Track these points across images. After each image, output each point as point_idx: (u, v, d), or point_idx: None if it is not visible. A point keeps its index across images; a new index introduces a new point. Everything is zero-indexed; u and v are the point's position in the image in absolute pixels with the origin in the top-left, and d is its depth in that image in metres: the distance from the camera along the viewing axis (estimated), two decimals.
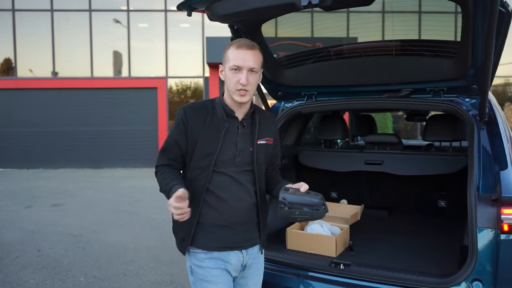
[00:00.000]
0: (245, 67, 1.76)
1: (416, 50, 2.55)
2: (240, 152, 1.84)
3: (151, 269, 4.47)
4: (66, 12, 14.01)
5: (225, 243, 1.85)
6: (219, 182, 1.81)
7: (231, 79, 1.78)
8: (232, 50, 1.79)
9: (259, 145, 1.89)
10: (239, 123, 1.87)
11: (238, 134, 1.85)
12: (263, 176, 1.95)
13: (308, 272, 2.35)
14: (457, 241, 2.75)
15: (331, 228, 2.67)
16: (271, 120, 2.04)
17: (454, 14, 9.94)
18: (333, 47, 2.75)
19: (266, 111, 2.09)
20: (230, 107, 1.85)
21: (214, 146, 1.80)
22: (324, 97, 2.98)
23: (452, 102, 2.51)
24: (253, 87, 1.82)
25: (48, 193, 9.24)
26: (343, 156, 3.26)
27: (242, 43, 1.79)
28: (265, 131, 1.93)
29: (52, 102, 13.92)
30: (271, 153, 1.99)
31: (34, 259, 4.78)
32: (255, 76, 1.80)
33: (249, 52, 1.77)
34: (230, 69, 1.78)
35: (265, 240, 2.00)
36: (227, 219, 1.84)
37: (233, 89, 1.78)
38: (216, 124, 1.82)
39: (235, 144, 1.84)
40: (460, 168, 2.84)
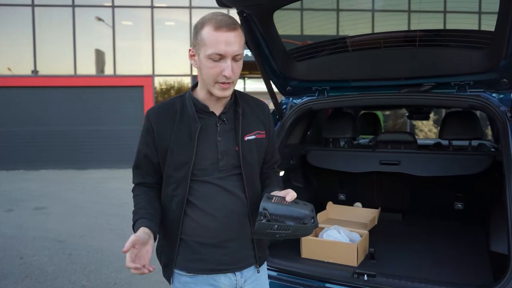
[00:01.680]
0: (229, 55, 1.37)
1: (442, 40, 2.36)
2: (224, 154, 1.48)
3: (143, 277, 4.19)
4: (47, 7, 13.53)
5: (214, 265, 1.51)
6: (202, 192, 1.48)
7: (210, 69, 1.39)
8: (209, 31, 1.37)
9: (247, 141, 1.52)
10: (217, 118, 1.50)
11: (217, 133, 1.49)
12: (256, 178, 1.60)
13: (328, 284, 2.13)
14: (482, 246, 2.57)
15: (349, 235, 2.45)
16: (260, 108, 1.63)
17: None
18: (350, 37, 2.54)
19: (252, 97, 1.65)
20: (202, 102, 1.49)
21: (187, 153, 1.45)
22: (336, 92, 2.77)
23: (479, 97, 2.32)
24: (237, 77, 1.45)
25: (29, 195, 8.85)
26: (356, 156, 3.05)
27: (221, 22, 1.37)
28: (253, 123, 1.56)
29: (32, 100, 13.42)
30: (265, 149, 1.62)
31: (16, 267, 4.47)
32: (239, 63, 1.43)
33: (232, 34, 1.37)
34: (208, 58, 1.38)
35: (263, 256, 1.64)
36: (215, 236, 1.49)
37: (212, 82, 1.41)
38: (187, 126, 1.47)
39: (215, 146, 1.48)
40: (485, 169, 2.66)
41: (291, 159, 3.07)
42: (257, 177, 1.60)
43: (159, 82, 14.24)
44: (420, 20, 12.03)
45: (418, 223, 3.11)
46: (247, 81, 14.89)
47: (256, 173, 1.59)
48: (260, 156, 1.60)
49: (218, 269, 1.52)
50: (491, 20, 2.12)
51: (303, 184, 3.23)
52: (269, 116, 1.65)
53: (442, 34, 2.41)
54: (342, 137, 3.25)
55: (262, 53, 2.55)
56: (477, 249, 2.55)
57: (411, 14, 12.61)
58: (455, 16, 10.93)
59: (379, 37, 2.48)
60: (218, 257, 1.50)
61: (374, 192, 3.45)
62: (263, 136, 1.59)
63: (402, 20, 12.16)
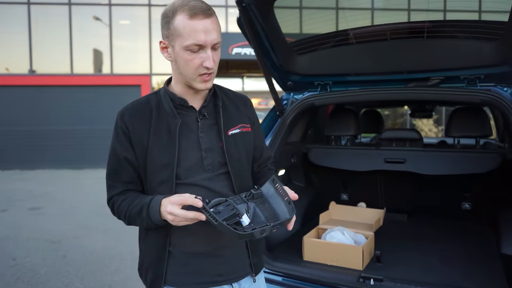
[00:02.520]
0: (208, 44, 1.25)
1: (451, 32, 2.24)
2: (208, 152, 1.35)
3: (139, 279, 4.05)
4: (44, 5, 13.39)
5: (209, 277, 1.36)
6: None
7: (190, 62, 1.26)
8: (184, 19, 1.23)
9: (232, 136, 1.39)
10: (198, 113, 1.37)
11: (199, 128, 1.36)
12: (246, 176, 1.45)
13: None
14: (492, 248, 2.45)
15: (354, 236, 2.33)
16: (242, 101, 1.50)
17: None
18: (354, 29, 2.42)
19: (231, 90, 1.54)
20: (179, 96, 1.36)
21: (169, 152, 1.31)
22: (339, 87, 2.65)
23: (490, 91, 2.21)
24: (217, 67, 1.33)
25: (25, 195, 8.70)
26: (360, 154, 2.93)
27: (195, 8, 1.23)
28: (236, 117, 1.43)
29: (29, 99, 13.26)
30: (253, 144, 1.49)
31: (8, 269, 4.34)
32: (218, 52, 1.31)
33: (208, 20, 1.24)
34: (186, 49, 1.25)
35: (258, 263, 1.49)
36: (206, 244, 1.35)
37: (193, 76, 1.29)
38: (165, 123, 1.33)
39: (197, 143, 1.35)
40: (495, 167, 2.55)
41: (292, 157, 2.95)
42: (247, 175, 1.46)
43: (157, 81, 14.10)
44: (430, 8, 11.93)
45: (424, 223, 2.99)
46: (245, 80, 14.77)
47: (245, 171, 1.45)
48: (248, 152, 1.46)
49: (214, 281, 1.37)
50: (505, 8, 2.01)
51: (304, 183, 3.12)
52: (251, 108, 1.53)
53: (452, 25, 2.29)
54: (345, 135, 3.14)
55: (262, 46, 2.44)
56: (486, 251, 2.44)
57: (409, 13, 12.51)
58: (466, 5, 10.85)
59: (385, 29, 2.36)
60: (212, 267, 1.36)
61: (378, 192, 3.33)
62: (249, 130, 1.46)
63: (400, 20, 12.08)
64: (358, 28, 2.43)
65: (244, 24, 2.23)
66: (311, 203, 3.04)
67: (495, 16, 2.06)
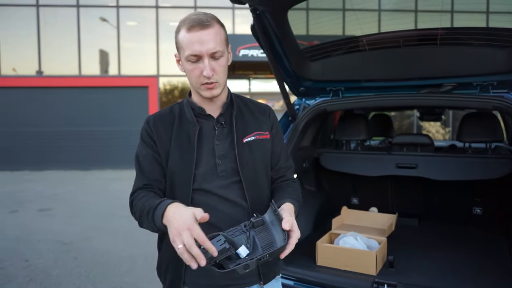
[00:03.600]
0: (204, 54, 1.32)
1: (464, 39, 2.25)
2: (222, 159, 1.40)
3: (150, 280, 4.11)
4: (52, 7, 13.48)
5: (220, 281, 1.41)
6: (203, 202, 1.37)
7: (191, 72, 1.36)
8: (183, 33, 1.34)
9: (246, 143, 1.43)
10: (215, 121, 1.44)
11: (215, 136, 1.42)
12: (261, 185, 1.47)
13: None
14: (504, 254, 2.46)
15: (367, 241, 2.35)
16: (260, 110, 1.54)
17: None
18: (367, 36, 2.43)
19: (252, 100, 1.59)
20: (198, 105, 1.44)
21: (189, 157, 1.38)
22: (351, 93, 2.67)
23: (503, 98, 2.22)
24: (222, 76, 1.39)
25: (34, 197, 8.77)
26: (372, 159, 2.95)
27: (193, 21, 1.33)
28: (252, 125, 1.48)
29: (37, 101, 13.37)
30: (270, 152, 1.51)
31: (20, 270, 4.39)
32: (221, 61, 1.37)
33: (204, 32, 1.32)
34: (187, 60, 1.35)
35: (268, 272, 1.49)
36: None
37: (197, 85, 1.37)
38: (186, 130, 1.42)
39: (213, 150, 1.40)
40: (507, 173, 2.55)
41: (304, 162, 2.97)
42: (262, 183, 1.48)
43: (164, 82, 14.16)
44: (442, 16, 11.89)
45: (435, 229, 3.00)
46: (252, 82, 14.80)
47: (261, 179, 1.47)
48: (265, 159, 1.48)
49: (226, 285, 1.41)
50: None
51: (315, 188, 3.13)
52: (270, 115, 1.55)
53: (465, 33, 2.30)
54: (356, 139, 3.15)
55: (276, 52, 2.46)
56: (498, 256, 2.44)
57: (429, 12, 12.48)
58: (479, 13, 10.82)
59: (398, 36, 2.37)
60: None
61: (389, 196, 3.34)
62: (266, 137, 1.49)
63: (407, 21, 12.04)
64: (371, 35, 2.44)
65: (258, 31, 2.25)
66: (322, 207, 3.06)
67: (507, 24, 2.07)
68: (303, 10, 5.18)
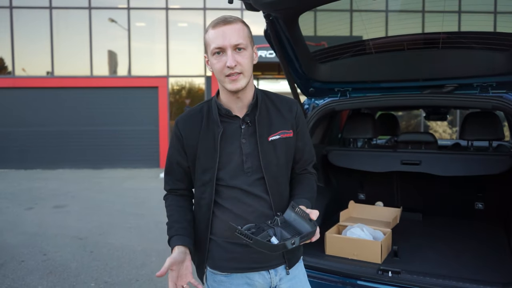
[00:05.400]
0: (227, 46, 1.42)
1: (465, 42, 2.39)
2: (248, 156, 1.50)
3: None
4: (65, 9, 13.74)
5: (247, 264, 1.53)
6: (229, 195, 1.51)
7: (216, 65, 1.45)
8: (209, 31, 1.46)
9: (271, 142, 1.52)
10: (241, 121, 1.52)
11: (242, 135, 1.51)
12: (283, 181, 1.58)
13: (354, 280, 2.18)
14: (504, 246, 2.60)
15: (373, 232, 2.50)
16: (287, 105, 1.60)
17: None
18: (373, 40, 2.58)
19: (278, 95, 1.64)
20: (225, 107, 1.53)
21: (212, 157, 1.49)
22: (358, 93, 2.82)
23: (502, 98, 2.35)
24: (247, 68, 1.46)
25: (48, 194, 9.00)
26: (378, 156, 3.09)
27: (218, 20, 1.46)
28: (278, 123, 1.55)
29: (50, 101, 13.64)
30: (294, 148, 1.60)
31: (40, 263, 4.59)
32: (244, 53, 1.45)
33: (228, 27, 1.43)
34: (213, 54, 1.45)
35: (292, 257, 1.61)
36: None
37: (222, 77, 1.46)
38: (212, 131, 1.51)
39: (239, 148, 1.50)
40: (507, 169, 2.69)
41: None
42: (283, 179, 1.58)
43: (172, 83, 14.35)
44: (444, 22, 12.00)
45: (438, 222, 3.14)
46: (260, 82, 14.95)
47: (283, 176, 1.58)
48: (288, 157, 1.58)
49: (251, 267, 1.53)
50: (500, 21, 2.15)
51: (324, 184, 3.28)
52: (297, 112, 1.61)
53: (465, 36, 2.44)
54: (363, 137, 3.30)
55: (287, 55, 2.61)
56: (498, 248, 2.58)
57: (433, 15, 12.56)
58: (478, 17, 10.88)
59: (402, 39, 2.52)
60: (250, 255, 1.51)
61: (394, 192, 3.48)
62: (290, 135, 1.57)
63: (419, 22, 12.12)
64: (377, 39, 2.59)
65: (271, 36, 2.42)
66: (330, 202, 3.21)
67: (506, 29, 2.20)
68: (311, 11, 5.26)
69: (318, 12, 14.07)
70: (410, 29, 12.23)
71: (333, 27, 13.29)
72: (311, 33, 13.64)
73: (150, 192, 9.31)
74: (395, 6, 13.05)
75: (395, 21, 12.84)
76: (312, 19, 14.11)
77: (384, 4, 12.62)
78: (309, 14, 5.66)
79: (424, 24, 12.45)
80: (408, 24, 12.68)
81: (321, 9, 13.90)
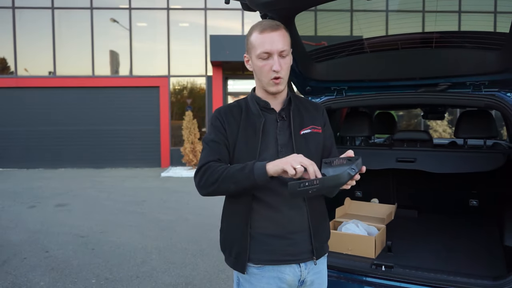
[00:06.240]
0: (274, 51, 1.53)
1: (457, 42, 2.44)
2: (283, 147, 1.60)
3: (164, 271, 4.34)
4: (67, 10, 13.82)
5: (280, 256, 1.60)
6: (266, 186, 1.54)
7: (262, 68, 1.57)
8: (256, 35, 1.56)
9: (303, 135, 1.64)
10: (277, 115, 1.65)
11: (277, 128, 1.63)
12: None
13: (347, 274, 2.23)
14: (496, 242, 2.65)
15: (367, 228, 2.55)
16: (314, 107, 1.76)
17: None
18: (368, 39, 2.63)
19: (306, 98, 1.83)
20: (263, 100, 1.65)
21: (254, 145, 1.59)
22: (354, 92, 2.86)
23: (494, 96, 2.40)
24: (287, 73, 1.60)
25: (51, 193, 9.08)
26: (374, 154, 3.14)
27: (265, 25, 1.55)
28: (308, 119, 1.68)
29: (52, 100, 13.74)
30: (323, 144, 1.70)
31: (42, 260, 4.66)
32: (286, 59, 1.58)
33: (275, 33, 1.54)
34: (258, 58, 1.56)
35: (320, 247, 1.68)
36: (281, 227, 1.60)
37: (266, 79, 1.58)
38: (252, 121, 1.62)
39: (275, 139, 1.61)
40: (499, 166, 2.74)
41: None
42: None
43: (173, 83, 14.41)
44: (437, 22, 12.04)
45: (433, 219, 3.19)
46: None
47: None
48: (318, 150, 1.67)
49: (284, 260, 1.60)
50: (506, 21, 2.20)
51: None
52: (323, 113, 1.76)
53: (458, 36, 2.49)
54: (359, 136, 3.34)
55: None
56: (491, 244, 2.63)
57: (427, 15, 12.60)
58: (471, 17, 10.92)
59: (397, 39, 2.57)
60: (284, 247, 1.59)
61: (390, 189, 3.53)
62: (319, 131, 1.69)
63: (416, 22, 12.15)
64: (372, 38, 2.64)
65: None
66: (327, 199, 3.25)
67: (499, 28, 2.25)
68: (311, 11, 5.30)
69: (319, 12, 14.13)
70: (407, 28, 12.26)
71: (333, 27, 13.35)
72: (311, 33, 13.71)
73: (151, 191, 9.38)
74: (392, 6, 13.11)
75: (393, 21, 12.89)
76: (312, 19, 14.16)
77: (380, 4, 12.67)
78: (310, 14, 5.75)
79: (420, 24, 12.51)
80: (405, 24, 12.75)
81: (321, 9, 13.97)
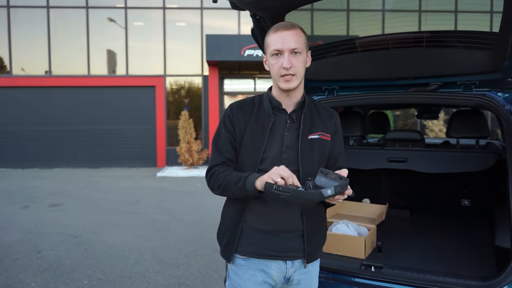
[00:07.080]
0: (285, 49, 1.58)
1: (448, 41, 2.43)
2: (287, 149, 1.63)
3: (157, 271, 4.32)
4: (62, 9, 13.76)
5: (267, 250, 1.64)
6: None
7: (274, 65, 1.61)
8: (271, 34, 1.62)
9: (310, 140, 1.65)
10: (288, 116, 1.67)
11: (285, 128, 1.65)
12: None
13: (337, 275, 2.22)
14: (488, 242, 2.64)
15: (357, 229, 2.54)
16: (328, 114, 1.76)
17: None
18: (359, 38, 2.62)
19: (322, 104, 1.81)
20: (276, 99, 1.68)
21: (259, 143, 1.63)
22: (345, 91, 2.85)
23: (484, 96, 2.39)
24: (300, 71, 1.62)
25: (45, 193, 9.04)
26: (366, 154, 3.13)
27: (279, 25, 1.62)
28: (318, 125, 1.69)
29: (47, 100, 13.68)
30: (329, 152, 1.72)
31: (34, 261, 4.62)
32: (299, 57, 1.60)
33: (288, 32, 1.59)
34: (271, 55, 1.61)
35: (312, 252, 1.71)
36: (271, 224, 1.64)
37: (277, 76, 1.61)
38: (261, 119, 1.66)
39: (281, 139, 1.64)
40: (490, 166, 2.73)
41: None
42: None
43: (170, 82, 14.38)
44: (427, 22, 12.08)
45: (425, 219, 3.18)
46: (257, 81, 14.99)
47: (315, 173, 1.65)
48: (322, 157, 1.69)
49: (270, 255, 1.65)
50: (496, 21, 2.19)
51: None
52: (336, 120, 1.77)
53: (448, 35, 2.48)
54: (352, 135, 3.33)
55: None
56: (482, 244, 2.62)
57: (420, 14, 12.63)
58: (461, 17, 10.94)
59: (387, 38, 2.55)
60: (271, 243, 1.64)
61: (382, 189, 3.52)
62: (328, 139, 1.70)
63: (410, 21, 12.17)
64: (363, 38, 2.62)
65: (258, 35, 2.45)
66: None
67: (487, 28, 2.24)
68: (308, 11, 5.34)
69: (315, 11, 14.14)
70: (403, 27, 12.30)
71: (329, 26, 13.35)
72: (307, 32, 13.72)
73: (146, 191, 9.35)
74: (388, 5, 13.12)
75: (388, 20, 12.90)
76: (308, 19, 14.18)
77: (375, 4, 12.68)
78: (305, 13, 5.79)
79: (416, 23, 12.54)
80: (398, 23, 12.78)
81: (317, 9, 13.96)
